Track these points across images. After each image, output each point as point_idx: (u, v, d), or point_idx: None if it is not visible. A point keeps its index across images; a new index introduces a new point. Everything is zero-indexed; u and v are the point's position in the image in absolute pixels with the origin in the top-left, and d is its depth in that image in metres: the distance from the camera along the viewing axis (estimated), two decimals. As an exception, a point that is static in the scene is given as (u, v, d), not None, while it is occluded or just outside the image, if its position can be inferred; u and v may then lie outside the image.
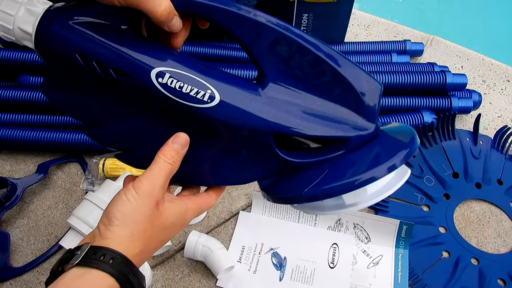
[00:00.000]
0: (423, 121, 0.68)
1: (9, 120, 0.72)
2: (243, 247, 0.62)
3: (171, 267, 0.60)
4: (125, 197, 0.32)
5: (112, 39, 0.32)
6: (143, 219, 0.32)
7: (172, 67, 0.32)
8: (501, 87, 0.82)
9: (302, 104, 0.34)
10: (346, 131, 0.34)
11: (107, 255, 0.30)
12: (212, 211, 0.65)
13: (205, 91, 0.32)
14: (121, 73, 0.32)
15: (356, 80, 0.34)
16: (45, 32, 0.32)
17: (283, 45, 0.33)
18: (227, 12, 0.32)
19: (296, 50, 0.33)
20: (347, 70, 0.33)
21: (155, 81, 0.32)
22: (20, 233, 0.64)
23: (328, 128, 0.33)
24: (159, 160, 0.34)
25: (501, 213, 0.65)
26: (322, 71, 0.33)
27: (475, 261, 0.60)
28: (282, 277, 0.59)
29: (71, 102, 0.35)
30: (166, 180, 0.34)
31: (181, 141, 0.34)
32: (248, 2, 0.75)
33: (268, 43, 0.33)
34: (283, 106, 0.33)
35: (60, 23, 0.32)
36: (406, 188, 0.67)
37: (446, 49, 0.88)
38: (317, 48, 0.33)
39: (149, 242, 0.33)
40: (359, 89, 0.34)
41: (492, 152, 0.70)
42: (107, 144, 0.37)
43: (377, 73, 0.71)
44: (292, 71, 0.34)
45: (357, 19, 0.95)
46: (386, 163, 0.31)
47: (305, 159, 0.34)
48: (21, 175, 0.70)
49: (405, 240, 0.61)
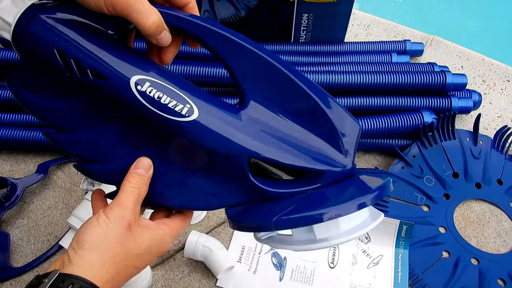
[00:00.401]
0: (423, 121, 0.68)
1: (9, 120, 0.72)
2: (243, 247, 0.62)
3: (171, 267, 0.60)
4: (96, 221, 0.32)
5: (96, 41, 0.31)
6: (115, 242, 0.31)
7: (153, 78, 0.31)
8: (501, 87, 0.82)
9: (281, 130, 0.33)
10: (323, 165, 0.33)
11: (75, 284, 0.29)
12: (212, 211, 0.65)
13: (184, 105, 0.31)
14: (98, 76, 0.31)
15: (337, 118, 0.34)
16: (25, 25, 0.31)
17: (269, 72, 0.33)
18: (216, 34, 0.32)
19: (281, 79, 0.33)
20: (329, 108, 0.34)
21: (133, 88, 0.31)
22: (20, 233, 0.64)
23: (304, 160, 0.33)
24: (125, 187, 0.33)
25: (501, 213, 0.65)
26: (305, 104, 0.34)
27: (475, 261, 0.60)
28: (282, 277, 0.59)
29: (38, 101, 0.33)
30: (136, 204, 0.33)
31: (144, 166, 0.33)
32: (248, 2, 0.75)
33: (252, 68, 0.33)
34: (261, 131, 0.33)
35: (42, 18, 0.31)
36: (406, 188, 0.67)
37: (446, 49, 0.88)
38: (303, 81, 0.33)
39: (122, 268, 0.32)
40: (339, 126, 0.34)
41: (492, 152, 0.70)
42: (71, 151, 0.34)
43: (377, 73, 0.71)
44: (275, 97, 0.33)
45: (357, 19, 0.95)
46: (356, 200, 0.30)
47: (279, 189, 0.33)
48: (21, 175, 0.70)
49: (405, 240, 0.61)
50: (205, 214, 0.65)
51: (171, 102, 0.31)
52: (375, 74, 0.70)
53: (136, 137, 0.33)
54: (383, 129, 0.67)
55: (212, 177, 0.34)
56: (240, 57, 0.33)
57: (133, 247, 0.32)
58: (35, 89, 0.33)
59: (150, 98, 0.31)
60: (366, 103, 0.70)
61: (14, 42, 0.31)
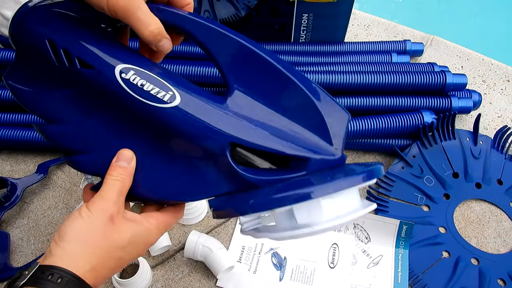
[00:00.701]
0: (423, 121, 0.68)
1: (9, 120, 0.72)
2: (243, 247, 0.62)
3: (171, 267, 0.60)
4: (78, 214, 0.32)
5: (86, 33, 0.32)
6: (96, 233, 0.31)
7: (138, 66, 0.32)
8: (501, 87, 0.82)
9: (265, 119, 0.33)
10: (308, 152, 0.33)
11: (55, 274, 0.29)
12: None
13: (166, 92, 0.32)
14: (86, 65, 0.32)
15: (324, 106, 0.33)
16: (21, 19, 0.32)
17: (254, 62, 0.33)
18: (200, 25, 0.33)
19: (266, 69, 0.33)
20: (316, 96, 0.33)
21: (118, 76, 0.32)
22: (20, 233, 0.64)
23: (288, 146, 0.32)
24: (107, 179, 0.33)
25: (501, 213, 0.65)
26: (291, 93, 0.33)
27: (475, 261, 0.60)
28: (282, 277, 0.59)
29: (30, 94, 0.34)
30: (119, 196, 0.33)
31: (125, 158, 0.33)
32: (248, 2, 0.75)
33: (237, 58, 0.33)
34: (244, 118, 0.32)
35: (38, 12, 0.32)
36: (406, 188, 0.67)
37: (446, 49, 0.89)
38: (288, 70, 0.33)
39: (106, 258, 0.31)
40: (326, 115, 0.33)
41: (492, 152, 0.70)
42: (59, 143, 0.35)
43: (377, 73, 0.71)
44: (260, 87, 0.33)
45: (357, 19, 0.95)
46: (338, 180, 0.29)
47: (262, 176, 0.33)
48: (21, 175, 0.70)
49: (405, 240, 0.61)
50: (205, 214, 0.65)
51: (153, 89, 0.32)
52: (375, 74, 0.70)
53: (121, 128, 0.34)
54: (383, 129, 0.67)
55: (195, 167, 0.34)
56: (225, 47, 0.33)
57: (116, 238, 0.32)
58: (28, 82, 0.34)
59: (133, 85, 0.32)
60: (366, 103, 0.70)
61: (11, 36, 0.33)
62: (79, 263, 0.30)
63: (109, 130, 0.34)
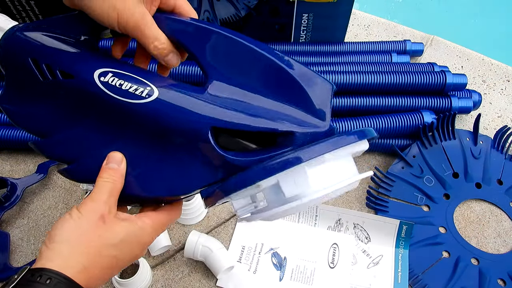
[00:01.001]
0: (423, 121, 0.68)
1: (9, 120, 0.72)
2: (243, 247, 0.62)
3: (171, 267, 0.60)
4: (68, 215, 0.32)
5: (66, 46, 0.35)
6: (86, 233, 0.31)
7: (115, 69, 0.34)
8: (501, 87, 0.82)
9: (244, 101, 0.33)
10: (292, 126, 0.32)
11: (44, 275, 0.28)
12: (212, 211, 0.65)
13: (144, 88, 0.33)
14: (67, 75, 0.34)
15: (305, 80, 0.33)
16: (7, 43, 0.35)
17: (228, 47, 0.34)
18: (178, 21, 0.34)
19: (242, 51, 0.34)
20: (294, 70, 0.33)
21: (97, 80, 0.33)
22: (20, 233, 0.64)
23: (271, 123, 0.32)
24: (97, 182, 0.33)
25: (501, 213, 0.65)
26: (269, 72, 0.33)
27: (475, 261, 0.60)
28: (282, 277, 0.59)
29: (21, 112, 0.36)
30: (110, 197, 0.33)
31: (115, 159, 0.34)
32: (248, 2, 0.75)
33: (209, 44, 0.34)
34: (223, 102, 0.33)
35: (20, 35, 0.35)
36: (406, 188, 0.67)
37: (446, 49, 0.89)
38: (262, 48, 0.34)
39: (97, 258, 0.31)
40: (309, 89, 0.33)
41: (492, 152, 0.70)
42: (53, 154, 0.36)
43: (377, 73, 0.71)
44: (237, 72, 0.34)
45: (357, 19, 0.95)
46: (322, 144, 0.28)
47: (247, 157, 0.32)
48: (21, 175, 0.70)
49: (405, 240, 0.61)
50: (205, 214, 0.65)
51: (131, 87, 0.33)
52: (375, 74, 0.70)
53: (109, 131, 0.35)
54: (383, 129, 0.67)
55: (184, 160, 0.34)
56: (198, 38, 0.34)
57: (107, 236, 0.32)
58: (19, 103, 0.36)
59: (112, 86, 0.33)
60: (366, 103, 0.70)
61: (0, 62, 0.36)
62: (69, 264, 0.30)
63: (98, 135, 0.35)
